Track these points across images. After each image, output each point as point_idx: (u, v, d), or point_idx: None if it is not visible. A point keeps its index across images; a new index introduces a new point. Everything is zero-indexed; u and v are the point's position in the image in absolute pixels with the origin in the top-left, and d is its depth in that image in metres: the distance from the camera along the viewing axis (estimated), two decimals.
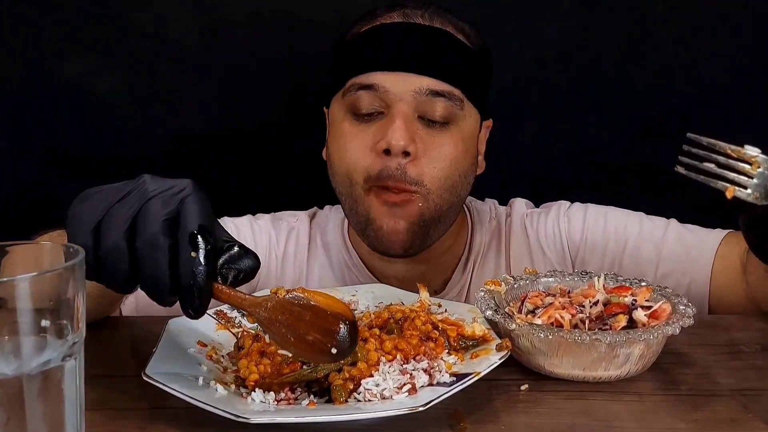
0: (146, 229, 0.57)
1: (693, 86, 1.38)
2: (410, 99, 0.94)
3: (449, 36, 0.97)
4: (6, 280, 0.47)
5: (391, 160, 0.93)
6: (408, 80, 0.93)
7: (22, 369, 0.48)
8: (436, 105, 0.94)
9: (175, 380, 0.64)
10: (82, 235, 0.58)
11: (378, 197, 0.95)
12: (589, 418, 0.65)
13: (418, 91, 0.94)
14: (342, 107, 0.98)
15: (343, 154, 0.97)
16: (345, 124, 0.97)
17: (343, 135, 0.97)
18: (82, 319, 0.52)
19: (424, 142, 0.94)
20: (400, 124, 0.92)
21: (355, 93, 0.95)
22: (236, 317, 0.83)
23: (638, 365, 0.72)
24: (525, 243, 1.09)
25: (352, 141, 0.96)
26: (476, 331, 0.75)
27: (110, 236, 0.58)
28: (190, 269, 0.57)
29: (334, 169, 1.00)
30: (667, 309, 0.74)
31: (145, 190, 0.59)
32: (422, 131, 0.95)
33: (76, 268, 0.51)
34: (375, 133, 0.95)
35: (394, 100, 0.94)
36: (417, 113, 0.95)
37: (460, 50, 0.97)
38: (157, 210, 0.58)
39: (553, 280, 0.84)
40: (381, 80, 0.94)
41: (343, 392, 0.64)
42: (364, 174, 0.95)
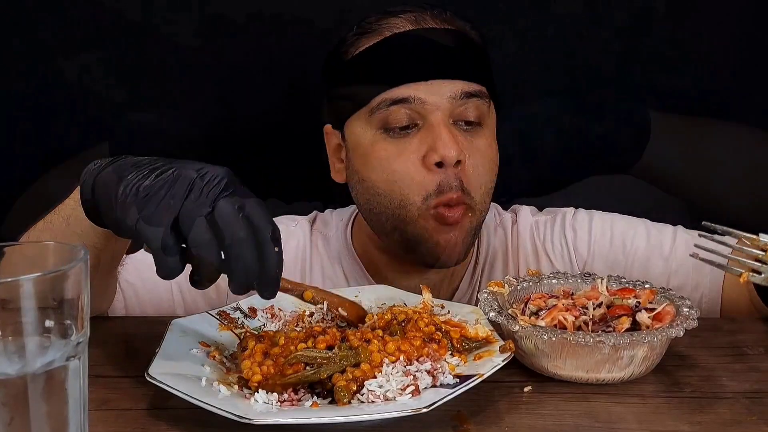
0: (233, 230, 0.63)
1: (693, 87, 1.38)
2: (446, 105, 0.91)
3: (463, 35, 0.95)
4: (10, 280, 0.47)
5: (446, 172, 0.91)
6: (443, 87, 0.91)
7: (26, 369, 0.48)
8: (469, 107, 0.92)
9: (177, 381, 0.64)
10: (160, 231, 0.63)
11: (437, 219, 0.93)
12: (592, 420, 0.65)
13: (453, 96, 0.91)
14: (370, 126, 0.94)
15: (391, 177, 0.93)
16: (381, 145, 0.93)
17: (383, 157, 0.93)
18: (86, 319, 0.52)
19: (465, 147, 0.92)
20: (447, 133, 0.90)
21: (387, 109, 0.91)
22: (239, 318, 0.83)
23: (642, 367, 0.71)
24: (533, 253, 1.07)
25: (397, 160, 0.92)
26: (479, 332, 0.75)
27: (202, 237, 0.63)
28: (276, 262, 0.64)
29: (376, 191, 0.95)
30: (670, 311, 0.74)
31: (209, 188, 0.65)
32: (460, 136, 0.92)
33: (80, 268, 0.51)
34: (419, 148, 0.92)
35: (431, 109, 0.91)
36: (452, 118, 0.93)
37: (475, 48, 0.96)
38: (234, 210, 0.64)
39: (556, 282, 0.84)
40: (415, 92, 0.91)
41: (346, 393, 0.64)
42: (422, 192, 0.92)
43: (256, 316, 0.84)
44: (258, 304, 0.86)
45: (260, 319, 0.84)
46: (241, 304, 0.85)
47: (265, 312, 0.84)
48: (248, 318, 0.83)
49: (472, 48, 0.96)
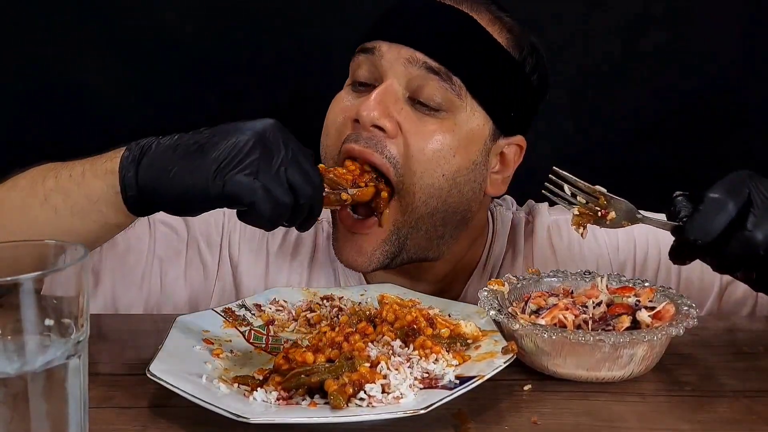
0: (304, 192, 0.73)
1: (693, 87, 1.38)
2: (401, 71, 0.87)
3: (471, 22, 0.89)
4: (10, 279, 0.47)
5: (359, 130, 0.88)
6: (403, 50, 0.88)
7: (26, 368, 0.48)
8: (429, 86, 0.87)
9: (178, 378, 0.64)
10: (279, 191, 0.71)
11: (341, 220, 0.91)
12: (592, 418, 0.65)
13: (410, 61, 0.87)
14: (349, 78, 0.95)
15: (327, 118, 0.93)
16: (343, 92, 0.94)
17: (336, 99, 0.94)
18: (86, 318, 0.52)
19: (407, 121, 0.87)
20: (377, 94, 0.87)
21: (357, 57, 0.92)
22: (243, 315, 0.83)
23: (642, 366, 0.71)
24: (552, 255, 1.02)
25: (340, 107, 0.92)
26: (468, 329, 0.75)
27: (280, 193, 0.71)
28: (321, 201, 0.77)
29: (323, 132, 0.94)
30: (670, 310, 0.74)
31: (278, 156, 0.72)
32: (409, 111, 0.88)
33: (80, 267, 0.51)
34: (358, 103, 0.89)
35: (387, 69, 0.88)
36: (408, 92, 0.88)
37: (479, 40, 0.89)
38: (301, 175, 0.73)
39: (556, 281, 0.84)
40: (379, 45, 0.89)
41: (341, 398, 0.62)
42: (336, 138, 0.90)
43: (261, 313, 0.84)
44: (263, 301, 0.86)
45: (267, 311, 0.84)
46: (246, 301, 0.85)
47: (272, 305, 0.85)
48: (253, 315, 0.83)
49: (472, 39, 0.89)
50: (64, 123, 1.35)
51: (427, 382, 0.66)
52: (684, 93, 1.38)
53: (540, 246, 1.02)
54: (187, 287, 0.99)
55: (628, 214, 0.78)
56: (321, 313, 0.84)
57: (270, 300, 0.87)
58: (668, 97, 1.39)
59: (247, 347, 0.78)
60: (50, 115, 1.35)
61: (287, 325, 0.83)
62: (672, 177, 1.40)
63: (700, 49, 1.37)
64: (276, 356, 0.72)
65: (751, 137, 1.38)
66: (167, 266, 0.98)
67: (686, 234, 0.70)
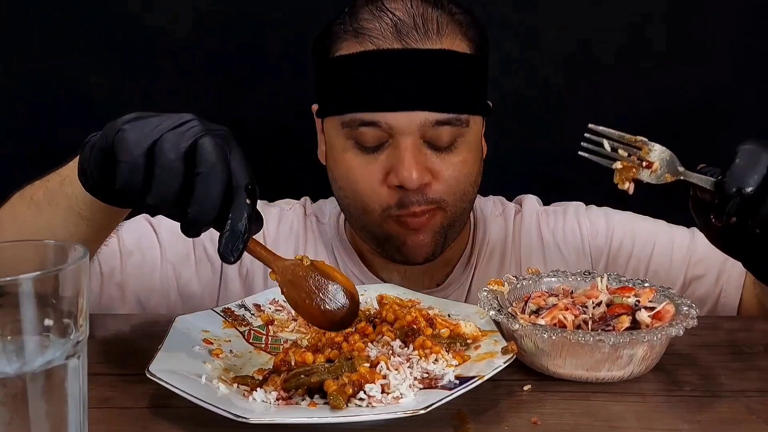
0: (208, 158, 0.61)
1: (693, 86, 1.38)
2: (416, 132, 0.91)
3: (449, 56, 0.91)
4: (9, 279, 0.47)
5: (407, 191, 0.92)
6: (413, 116, 0.90)
7: (25, 368, 0.48)
8: (442, 132, 0.92)
9: (177, 378, 0.64)
10: (136, 151, 0.62)
11: (400, 224, 0.95)
12: (592, 418, 0.65)
13: (423, 124, 0.91)
14: (341, 135, 0.94)
15: (354, 186, 0.95)
16: (349, 155, 0.94)
17: (349, 167, 0.95)
18: (86, 318, 0.52)
19: (435, 165, 0.93)
20: (410, 159, 0.90)
21: (357, 129, 0.92)
22: (243, 315, 0.83)
23: (641, 366, 0.71)
24: (538, 241, 1.08)
25: (362, 174, 0.94)
26: (468, 330, 0.75)
27: (168, 156, 0.62)
28: (244, 214, 0.62)
29: (345, 194, 0.98)
30: (670, 310, 0.74)
31: (198, 127, 0.64)
32: (432, 156, 0.93)
33: (79, 268, 0.51)
34: (384, 165, 0.92)
35: (400, 133, 0.91)
36: (423, 140, 0.92)
37: (461, 67, 0.92)
38: (216, 146, 0.62)
39: (556, 281, 0.84)
40: (385, 118, 0.90)
41: (341, 398, 0.62)
42: (382, 205, 0.94)
43: (260, 313, 0.84)
44: (262, 301, 0.86)
45: (267, 311, 0.84)
46: (245, 301, 0.86)
47: (272, 305, 0.85)
48: (253, 315, 0.84)
49: (458, 70, 0.92)
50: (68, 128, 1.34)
51: (427, 382, 0.66)
52: (684, 93, 1.37)
53: (527, 231, 1.08)
54: (200, 286, 1.04)
55: (670, 166, 0.74)
56: None
57: (269, 300, 0.87)
58: (668, 97, 1.38)
59: (246, 347, 0.78)
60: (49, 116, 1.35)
61: (287, 325, 0.83)
62: None
63: (700, 49, 1.37)
64: (275, 356, 0.72)
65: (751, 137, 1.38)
66: (180, 269, 1.03)
67: (727, 186, 0.68)
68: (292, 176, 1.39)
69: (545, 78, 1.39)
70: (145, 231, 1.01)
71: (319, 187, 1.24)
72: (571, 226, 1.08)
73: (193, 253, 1.04)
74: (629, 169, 0.76)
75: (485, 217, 1.10)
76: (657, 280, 0.91)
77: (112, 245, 0.99)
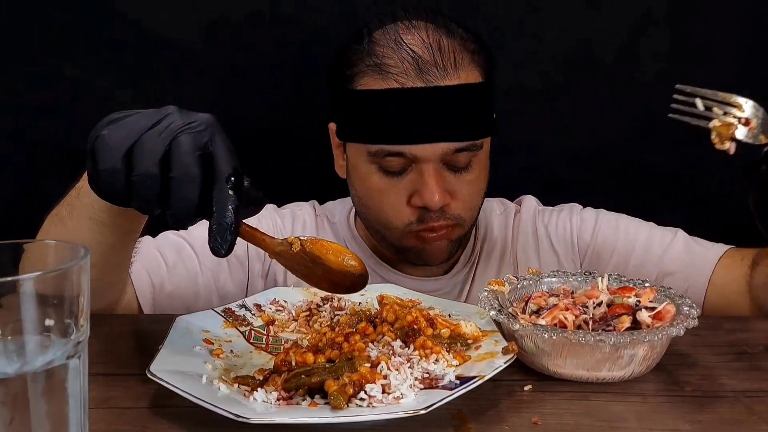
0: (182, 161, 0.61)
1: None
2: (437, 159, 0.99)
3: (465, 89, 0.98)
4: (10, 279, 0.47)
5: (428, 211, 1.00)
6: (435, 147, 0.98)
7: (26, 368, 0.48)
8: (460, 158, 1.00)
9: (178, 378, 0.64)
10: (113, 158, 0.62)
11: (419, 238, 1.03)
12: (592, 418, 0.65)
13: (444, 153, 0.98)
14: (366, 160, 1.01)
15: (379, 206, 1.03)
16: (374, 179, 1.02)
17: (375, 188, 1.02)
18: (86, 318, 0.52)
19: (454, 185, 1.01)
20: (433, 183, 0.98)
21: (384, 158, 0.99)
22: (244, 315, 0.83)
23: (642, 366, 0.71)
24: (533, 237, 1.15)
25: (387, 195, 1.02)
26: (469, 330, 0.75)
27: (145, 163, 0.61)
28: (229, 207, 0.61)
29: (368, 210, 1.06)
30: (671, 310, 0.74)
31: (175, 124, 0.63)
32: (449, 176, 1.01)
33: (80, 267, 0.51)
34: (408, 188, 1.01)
35: (423, 161, 0.98)
36: (443, 163, 1.00)
37: (476, 97, 1.00)
38: (191, 144, 0.62)
39: (556, 281, 0.84)
40: (410, 149, 0.98)
41: (341, 398, 0.63)
42: (404, 222, 1.02)
43: (261, 313, 0.84)
44: (263, 301, 0.86)
45: (267, 311, 0.84)
46: (246, 302, 0.86)
47: (272, 305, 0.85)
48: (254, 315, 0.84)
49: (474, 101, 0.99)
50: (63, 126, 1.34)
51: (428, 382, 0.66)
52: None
53: (524, 228, 1.16)
54: (234, 287, 1.08)
55: (765, 125, 0.71)
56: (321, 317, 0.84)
57: (270, 300, 0.87)
58: (668, 97, 1.38)
59: (247, 347, 0.78)
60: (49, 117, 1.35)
61: (287, 325, 0.83)
62: (672, 177, 1.40)
63: (701, 49, 1.37)
64: (276, 356, 0.72)
65: None
66: (217, 274, 1.07)
67: None
68: (292, 176, 1.40)
69: (545, 78, 1.38)
70: (180, 243, 1.05)
71: (319, 188, 1.25)
72: (563, 222, 1.15)
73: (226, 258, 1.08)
74: (727, 127, 0.72)
75: (487, 215, 1.17)
76: (637, 274, 0.94)
77: (157, 259, 1.03)
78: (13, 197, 1.37)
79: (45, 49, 1.33)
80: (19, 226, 0.82)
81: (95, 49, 1.33)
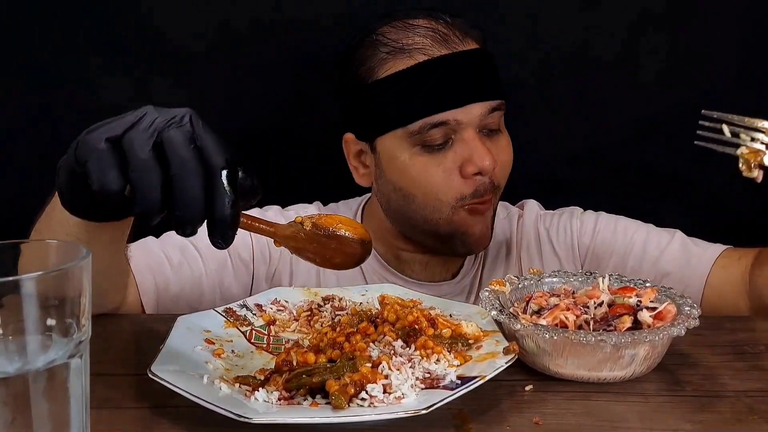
0: (179, 155, 0.58)
1: (693, 86, 1.38)
2: (477, 122, 1.01)
3: (481, 53, 1.03)
4: (12, 278, 0.47)
5: (482, 178, 1.01)
6: (474, 108, 1.00)
7: (27, 368, 0.48)
8: (494, 118, 1.02)
9: (179, 378, 0.64)
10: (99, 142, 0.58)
11: (470, 212, 1.03)
12: (593, 418, 0.65)
13: (483, 114, 1.01)
14: (407, 143, 1.02)
15: (427, 184, 1.02)
16: (418, 159, 1.02)
17: (422, 169, 1.02)
18: (88, 318, 0.52)
19: (495, 150, 1.02)
20: (481, 146, 1.00)
21: (427, 132, 1.00)
22: (245, 315, 0.83)
23: (643, 366, 0.71)
24: (536, 241, 1.16)
25: (436, 173, 1.01)
26: (470, 330, 0.75)
27: (138, 156, 0.58)
28: (225, 201, 0.59)
29: (412, 199, 1.04)
30: (672, 310, 0.74)
31: (158, 119, 0.60)
32: (489, 142, 1.02)
33: (81, 267, 0.51)
34: (454, 159, 1.01)
35: (464, 127, 1.00)
36: (479, 128, 1.02)
37: (488, 61, 1.04)
38: (182, 138, 0.59)
39: (557, 281, 0.84)
40: (452, 115, 0.99)
41: (343, 398, 0.62)
42: (456, 196, 1.02)
43: (262, 313, 0.84)
44: (264, 301, 0.86)
45: (268, 311, 0.84)
46: (247, 302, 0.86)
47: (273, 305, 0.85)
48: (255, 315, 0.84)
49: (490, 64, 1.04)
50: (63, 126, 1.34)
51: (429, 382, 0.66)
52: (684, 93, 1.37)
53: (527, 231, 1.17)
54: (239, 288, 1.08)
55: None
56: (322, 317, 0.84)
57: (271, 300, 0.87)
58: (668, 97, 1.38)
59: (248, 347, 0.78)
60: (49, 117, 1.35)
61: (288, 325, 0.83)
62: (672, 177, 1.40)
63: (700, 49, 1.37)
64: (277, 356, 0.72)
65: None
66: (221, 275, 1.07)
67: None
68: (292, 176, 1.40)
69: (545, 78, 1.39)
70: (185, 243, 1.05)
71: (319, 188, 1.25)
72: (564, 226, 1.15)
73: (230, 260, 1.08)
74: (755, 154, 0.70)
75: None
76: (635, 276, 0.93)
77: (161, 260, 1.02)
78: (13, 197, 1.37)
79: (45, 49, 1.33)
80: (19, 226, 0.82)
81: (95, 49, 1.33)
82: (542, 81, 1.39)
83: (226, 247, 0.61)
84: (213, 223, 0.59)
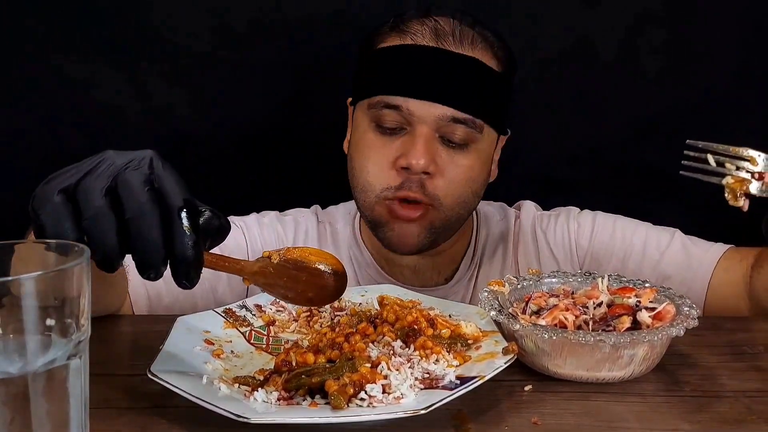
0: (134, 199, 0.57)
1: (693, 86, 1.38)
2: (432, 122, 0.98)
3: (477, 64, 1.00)
4: (11, 278, 0.47)
5: (410, 176, 0.99)
6: (433, 108, 0.98)
7: (27, 368, 0.48)
8: (456, 130, 0.99)
9: (178, 378, 0.65)
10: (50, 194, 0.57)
11: (389, 211, 1.01)
12: (592, 419, 0.65)
13: (440, 117, 0.98)
14: (366, 117, 1.02)
15: (364, 163, 1.02)
16: (369, 135, 1.02)
17: (366, 145, 1.02)
18: (87, 318, 0.52)
19: (443, 160, 1.00)
20: (422, 145, 0.97)
21: (381, 110, 0.99)
22: (244, 315, 0.83)
23: (642, 366, 0.72)
24: (533, 243, 1.15)
25: (375, 153, 1.01)
26: (469, 330, 0.75)
27: (90, 202, 0.57)
28: (186, 241, 0.57)
29: (354, 172, 1.05)
30: (671, 310, 0.74)
31: (115, 164, 0.59)
32: (441, 150, 1.00)
33: (81, 267, 0.51)
34: (397, 149, 1.00)
35: (418, 121, 0.98)
36: (438, 134, 0.99)
37: (486, 78, 1.01)
38: (138, 181, 0.57)
39: (556, 281, 0.84)
40: (406, 103, 0.98)
41: (342, 398, 0.63)
42: (383, 185, 1.00)
43: (262, 313, 0.84)
44: (263, 301, 0.86)
45: (268, 311, 0.84)
46: (247, 302, 0.86)
47: (273, 305, 0.85)
48: (254, 316, 0.84)
49: (482, 79, 1.00)
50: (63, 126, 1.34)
51: (428, 382, 0.66)
52: (684, 93, 1.38)
53: (524, 233, 1.16)
54: (234, 297, 1.06)
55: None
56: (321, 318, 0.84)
57: (270, 300, 0.87)
58: (668, 97, 1.39)
59: (247, 348, 0.78)
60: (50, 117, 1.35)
61: (288, 326, 0.83)
62: (672, 177, 1.40)
63: (700, 48, 1.37)
64: (277, 357, 0.72)
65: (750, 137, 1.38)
66: (215, 284, 1.07)
67: None
68: (292, 176, 1.40)
69: (544, 77, 1.39)
70: None
71: (319, 188, 1.25)
72: (561, 228, 1.15)
73: None
74: (741, 183, 0.71)
75: (488, 219, 1.17)
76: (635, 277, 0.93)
77: None
78: (13, 197, 1.37)
79: (45, 49, 1.33)
80: (19, 226, 0.82)
81: (95, 49, 1.33)
82: (542, 81, 1.39)
83: (191, 287, 0.59)
84: (175, 264, 0.58)
